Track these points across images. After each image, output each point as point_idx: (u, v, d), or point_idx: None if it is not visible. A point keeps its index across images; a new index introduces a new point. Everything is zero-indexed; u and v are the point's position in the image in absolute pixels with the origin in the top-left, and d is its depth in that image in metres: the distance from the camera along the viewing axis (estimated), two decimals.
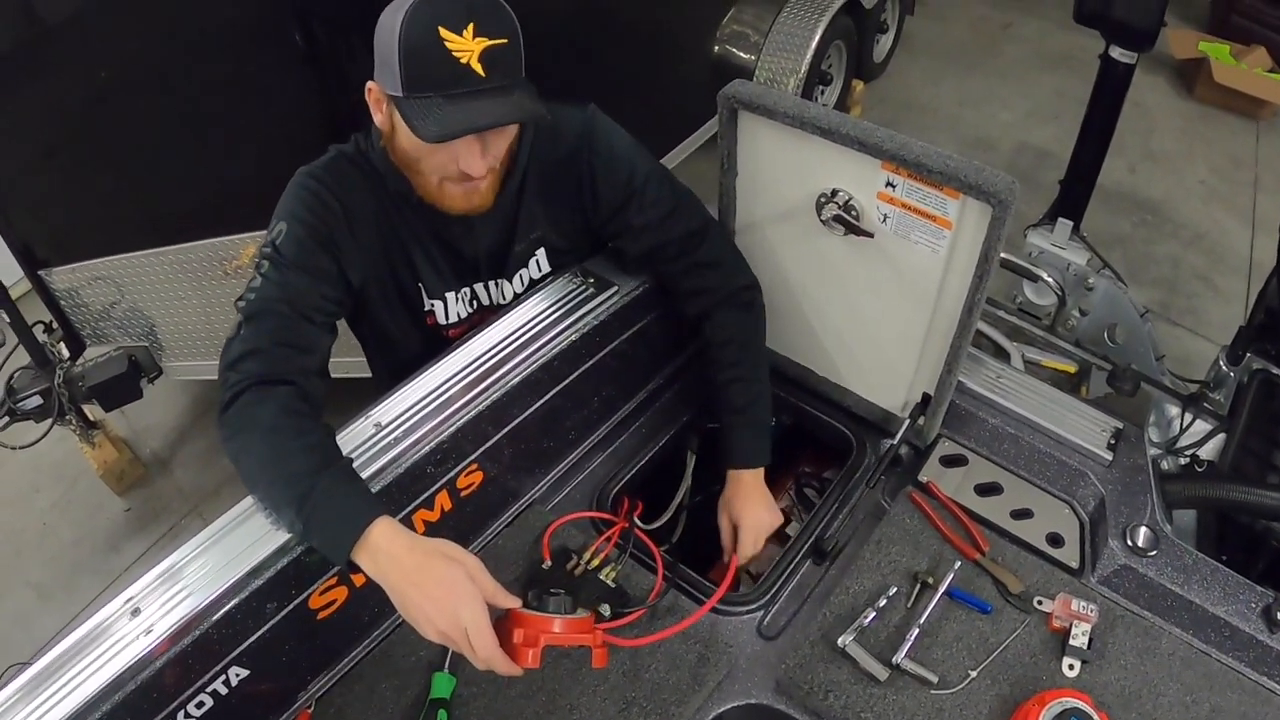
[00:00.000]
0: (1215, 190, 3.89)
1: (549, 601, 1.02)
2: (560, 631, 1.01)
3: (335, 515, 0.98)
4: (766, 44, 3.59)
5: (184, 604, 1.01)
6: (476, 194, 1.23)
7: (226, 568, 1.04)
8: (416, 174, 1.21)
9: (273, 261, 1.17)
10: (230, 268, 2.31)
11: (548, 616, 1.02)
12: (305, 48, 1.94)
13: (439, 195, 1.22)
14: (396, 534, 0.97)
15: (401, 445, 1.17)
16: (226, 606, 1.02)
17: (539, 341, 1.32)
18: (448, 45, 1.05)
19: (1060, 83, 4.54)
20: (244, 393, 1.07)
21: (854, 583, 1.29)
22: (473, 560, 0.99)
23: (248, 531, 1.08)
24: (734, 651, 1.22)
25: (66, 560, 2.68)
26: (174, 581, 1.03)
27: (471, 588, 0.95)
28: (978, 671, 1.20)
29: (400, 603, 0.96)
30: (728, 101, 1.28)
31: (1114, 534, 1.35)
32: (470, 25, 1.05)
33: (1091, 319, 2.07)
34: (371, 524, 0.96)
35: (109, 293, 2.53)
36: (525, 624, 1.01)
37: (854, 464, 1.49)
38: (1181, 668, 1.23)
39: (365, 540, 0.96)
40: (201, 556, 1.06)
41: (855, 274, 1.37)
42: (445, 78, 1.06)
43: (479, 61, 1.06)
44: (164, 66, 2.04)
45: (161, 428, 3.04)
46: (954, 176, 1.13)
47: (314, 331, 1.17)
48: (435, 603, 0.94)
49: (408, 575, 0.95)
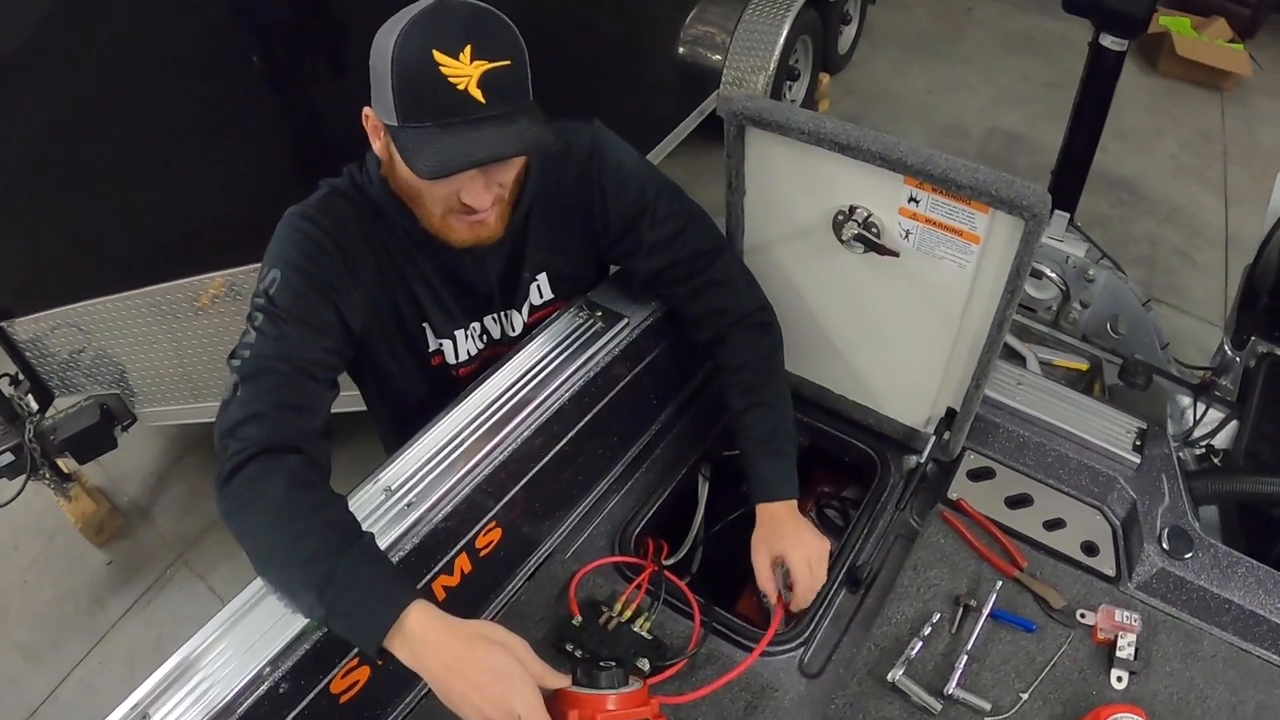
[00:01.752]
0: (1186, 165, 3.93)
1: (600, 676, 0.95)
2: (616, 709, 0.95)
3: (363, 602, 0.91)
4: (733, 43, 3.55)
5: (197, 707, 0.93)
6: (484, 227, 1.14)
7: (240, 660, 0.96)
8: (419, 206, 1.13)
9: (267, 314, 1.07)
10: (201, 304, 2.22)
11: (602, 694, 0.95)
12: (265, 71, 1.85)
13: (444, 229, 1.13)
14: (433, 619, 0.90)
15: (417, 511, 1.09)
16: (244, 705, 0.94)
17: (552, 385, 1.25)
18: (443, 70, 0.96)
19: (1024, 65, 4.56)
20: (247, 464, 0.98)
21: (895, 611, 1.25)
22: (518, 641, 0.92)
23: (258, 619, 1.00)
24: (779, 696, 1.18)
25: (51, 619, 2.58)
26: (185, 681, 0.95)
27: (522, 672, 0.89)
28: (1029, 694, 1.17)
29: (444, 693, 0.89)
30: (735, 118, 1.22)
31: (1149, 538, 1.33)
32: (468, 47, 0.97)
33: (1093, 311, 2.05)
34: (405, 610, 0.89)
35: (75, 340, 2.42)
36: (580, 705, 0.94)
37: (880, 484, 1.45)
38: (1225, 668, 1.22)
39: (399, 628, 0.89)
40: (211, 650, 0.97)
41: (875, 292, 1.32)
42: (442, 106, 0.98)
43: (478, 87, 0.97)
44: (119, 100, 1.93)
45: (138, 474, 2.93)
46: (984, 191, 1.08)
47: (316, 389, 1.08)
48: (482, 692, 0.87)
49: (450, 665, 0.88)
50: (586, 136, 1.26)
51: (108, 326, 2.35)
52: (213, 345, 2.31)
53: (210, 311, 2.22)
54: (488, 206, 1.09)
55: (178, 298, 2.21)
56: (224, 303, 2.20)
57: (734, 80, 3.57)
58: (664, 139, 3.37)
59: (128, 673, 2.45)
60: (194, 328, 2.27)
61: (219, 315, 2.23)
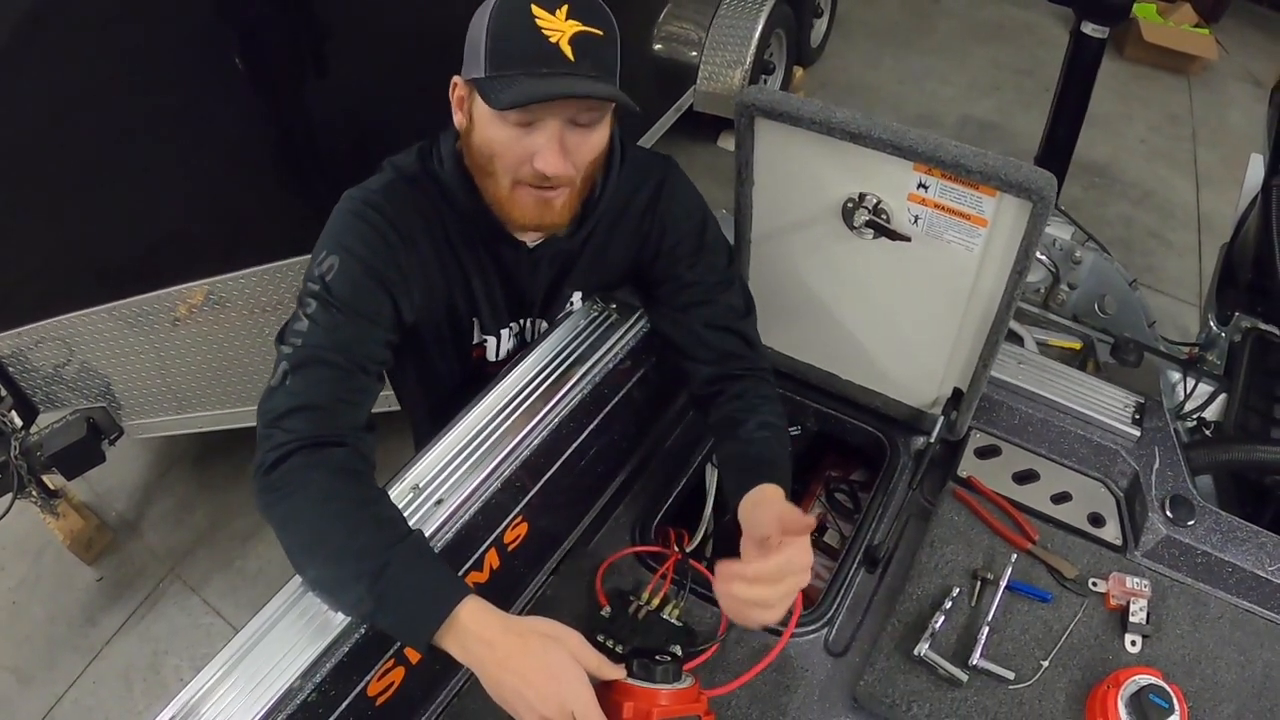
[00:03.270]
0: (1156, 148, 4.02)
1: (655, 670, 0.95)
2: (670, 704, 0.94)
3: (416, 594, 0.90)
4: (709, 39, 3.57)
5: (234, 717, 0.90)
6: (550, 209, 1.09)
7: (277, 668, 0.94)
8: (489, 177, 1.08)
9: (322, 302, 1.04)
10: (180, 315, 2.19)
11: (655, 689, 0.95)
12: (247, 73, 1.83)
13: (510, 203, 1.09)
14: (486, 615, 0.90)
15: (448, 509, 1.09)
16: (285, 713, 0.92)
17: (573, 378, 1.26)
18: (538, 21, 0.97)
19: (995, 54, 4.63)
20: (292, 455, 0.96)
21: (915, 588, 1.27)
22: (574, 636, 0.91)
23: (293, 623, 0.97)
24: (809, 675, 1.19)
25: (42, 639, 2.52)
26: (218, 690, 0.93)
27: (577, 669, 0.88)
28: (1049, 660, 1.20)
29: (496, 690, 0.88)
30: (746, 109, 1.23)
31: (1152, 507, 1.37)
32: (564, 7, 0.98)
33: (1081, 292, 2.09)
34: (459, 604, 0.89)
35: (58, 354, 2.37)
36: (635, 697, 0.93)
37: (890, 465, 1.47)
38: (1232, 630, 1.26)
39: (452, 622, 0.89)
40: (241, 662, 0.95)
41: (883, 276, 1.35)
42: (532, 55, 0.97)
43: (569, 44, 0.97)
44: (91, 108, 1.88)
45: (125, 488, 2.87)
46: (994, 175, 1.10)
47: (366, 382, 1.06)
48: (537, 688, 0.86)
49: (503, 661, 0.87)
50: (661, 168, 1.26)
51: (90, 340, 2.30)
52: (195, 355, 2.28)
53: (190, 321, 2.20)
54: (559, 173, 1.04)
55: (157, 308, 2.18)
56: (204, 312, 2.18)
57: (710, 76, 3.59)
58: (641, 136, 3.38)
59: (124, 690, 2.41)
60: (175, 338, 2.24)
61: (199, 325, 2.20)
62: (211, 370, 2.31)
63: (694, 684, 0.99)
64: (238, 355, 2.27)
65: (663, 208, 1.25)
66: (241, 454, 2.71)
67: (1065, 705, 1.15)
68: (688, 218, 1.26)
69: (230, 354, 2.27)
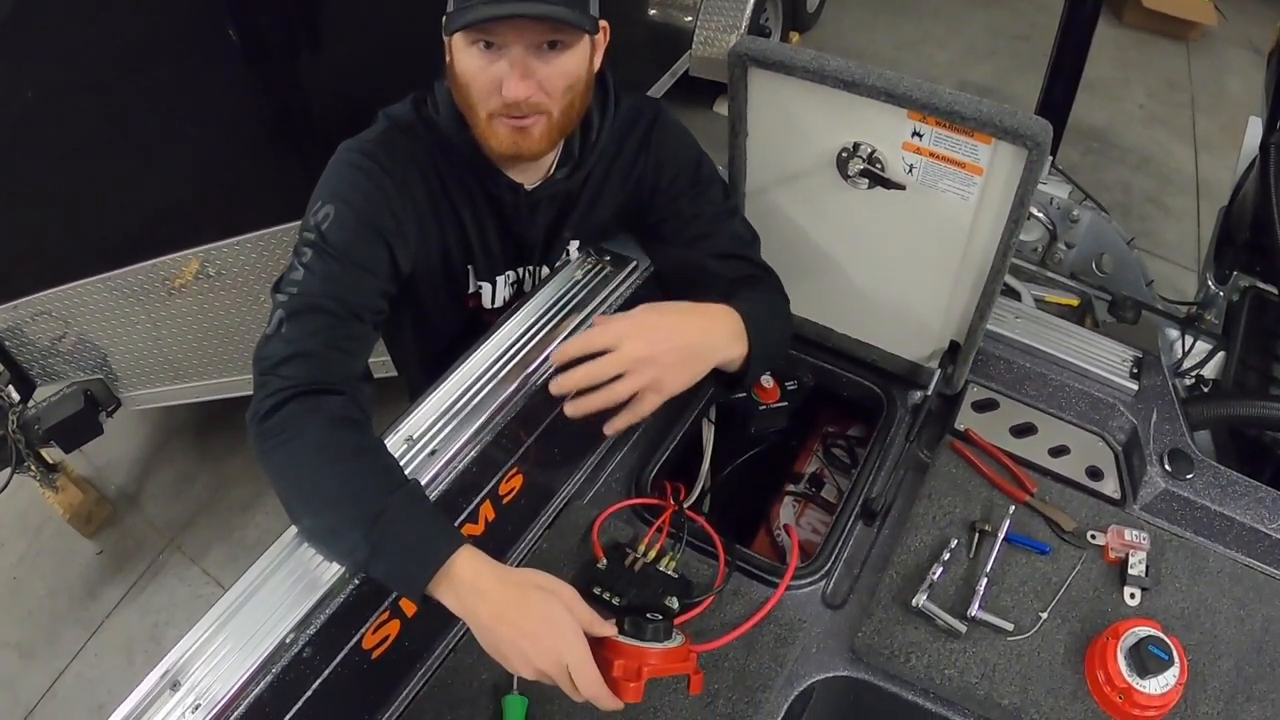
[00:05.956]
0: (1155, 113, 3.99)
1: (646, 629, 0.95)
2: (660, 663, 0.95)
3: (412, 542, 0.90)
4: (704, 3, 3.53)
5: (228, 670, 0.90)
6: (527, 137, 1.09)
7: (269, 621, 0.94)
8: (470, 110, 1.09)
9: (317, 250, 1.04)
10: (175, 285, 2.18)
11: (646, 647, 0.95)
12: (241, 46, 1.81)
13: (488, 134, 1.09)
14: (482, 565, 0.89)
15: (441, 459, 1.08)
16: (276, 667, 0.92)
17: (570, 327, 1.25)
18: None
19: (991, 19, 4.58)
20: (289, 402, 0.96)
21: (913, 540, 1.27)
22: (568, 590, 0.91)
23: (285, 579, 0.97)
24: (807, 626, 1.19)
25: (44, 613, 2.54)
26: (211, 645, 0.93)
27: (571, 622, 0.88)
28: (1048, 612, 1.20)
29: (490, 641, 0.88)
30: (739, 59, 1.22)
31: (1151, 461, 1.37)
32: None
33: (1079, 251, 2.09)
34: (454, 554, 0.89)
35: (54, 327, 2.36)
36: (625, 655, 0.93)
37: (887, 419, 1.47)
38: (1230, 583, 1.25)
39: (447, 572, 0.88)
40: (239, 612, 0.95)
41: (878, 227, 1.33)
42: None
43: None
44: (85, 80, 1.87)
45: (124, 461, 2.88)
46: (989, 122, 1.09)
47: (362, 331, 1.06)
48: (532, 640, 0.86)
49: (499, 612, 0.87)
50: (652, 109, 1.27)
51: (85, 311, 2.29)
52: (191, 324, 2.28)
53: (186, 291, 2.19)
54: (522, 96, 1.04)
55: (152, 278, 2.18)
56: (199, 280, 2.17)
57: (705, 40, 3.55)
58: None
59: (126, 663, 2.43)
60: (171, 308, 2.24)
61: (195, 295, 2.20)
62: (208, 339, 2.32)
63: (684, 642, 1.00)
64: (234, 323, 2.27)
65: (655, 146, 1.26)
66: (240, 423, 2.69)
67: (1064, 657, 1.15)
68: (683, 153, 1.28)
69: (226, 322, 2.27)
